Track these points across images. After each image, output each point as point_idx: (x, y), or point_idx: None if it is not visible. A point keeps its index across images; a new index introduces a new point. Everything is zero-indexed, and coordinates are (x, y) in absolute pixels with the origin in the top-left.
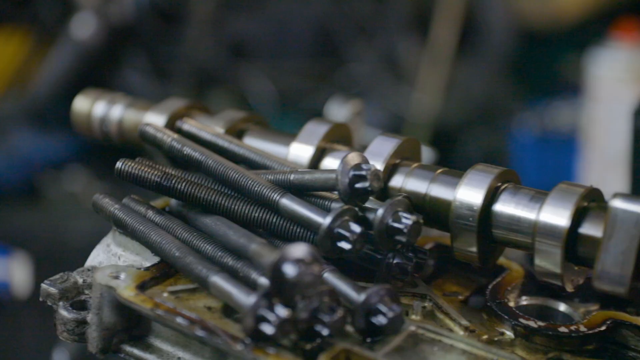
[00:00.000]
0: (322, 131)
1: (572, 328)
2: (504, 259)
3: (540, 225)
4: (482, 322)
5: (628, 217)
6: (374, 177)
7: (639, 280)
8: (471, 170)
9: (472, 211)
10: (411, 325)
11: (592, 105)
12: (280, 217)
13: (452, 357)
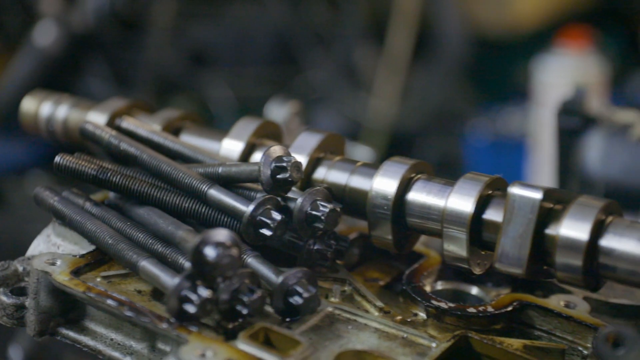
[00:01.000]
0: (252, 128)
1: (480, 309)
2: (423, 247)
3: (447, 212)
4: (398, 304)
5: (525, 203)
6: (295, 168)
7: (536, 261)
8: (387, 162)
9: (387, 200)
10: (328, 306)
11: (539, 110)
12: (209, 207)
13: (364, 335)
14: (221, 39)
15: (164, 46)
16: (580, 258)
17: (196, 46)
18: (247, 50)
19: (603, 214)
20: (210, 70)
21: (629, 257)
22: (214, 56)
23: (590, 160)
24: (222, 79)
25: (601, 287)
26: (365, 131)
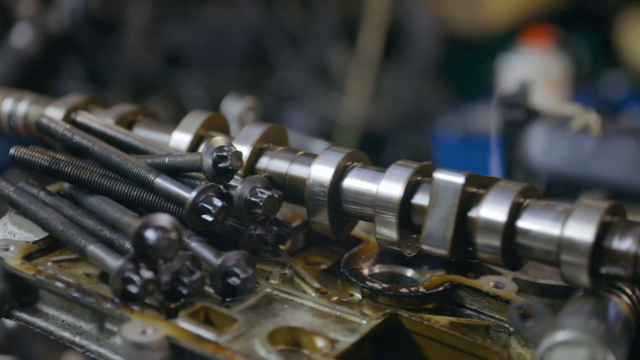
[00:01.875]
0: (200, 120)
1: (412, 289)
2: (364, 233)
3: (379, 197)
4: (336, 286)
5: (448, 187)
6: (235, 157)
7: (461, 243)
8: (325, 152)
9: (323, 187)
10: (267, 287)
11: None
12: (156, 195)
13: (299, 314)
14: (196, 40)
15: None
16: (499, 238)
17: (171, 47)
18: (222, 51)
19: (520, 197)
20: (185, 71)
21: (544, 237)
22: (188, 57)
23: (533, 152)
24: (196, 79)
25: (522, 266)
26: (337, 129)
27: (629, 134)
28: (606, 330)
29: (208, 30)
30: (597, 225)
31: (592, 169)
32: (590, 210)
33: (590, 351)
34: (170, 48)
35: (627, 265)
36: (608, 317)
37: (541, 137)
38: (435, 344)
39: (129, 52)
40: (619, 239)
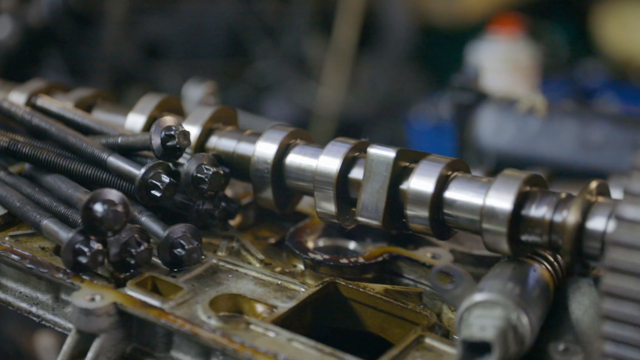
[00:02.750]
0: (154, 103)
1: (352, 260)
2: (310, 208)
3: (317, 172)
4: (281, 258)
5: (381, 162)
6: (182, 136)
7: (393, 214)
8: (269, 130)
9: (267, 164)
10: (213, 259)
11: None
12: (109, 173)
13: (242, 283)
14: (174, 32)
15: (118, 39)
16: (427, 209)
17: (150, 39)
18: (200, 43)
19: (448, 170)
20: (163, 62)
21: (468, 207)
22: (167, 49)
23: (483, 133)
24: (175, 70)
25: (451, 236)
26: (314, 119)
27: (572, 115)
28: (521, 293)
29: (186, 22)
30: (515, 194)
31: (538, 149)
32: (510, 180)
33: (505, 311)
34: (149, 40)
35: (543, 232)
36: (525, 281)
37: (490, 118)
38: (371, 310)
39: (108, 44)
40: (535, 207)
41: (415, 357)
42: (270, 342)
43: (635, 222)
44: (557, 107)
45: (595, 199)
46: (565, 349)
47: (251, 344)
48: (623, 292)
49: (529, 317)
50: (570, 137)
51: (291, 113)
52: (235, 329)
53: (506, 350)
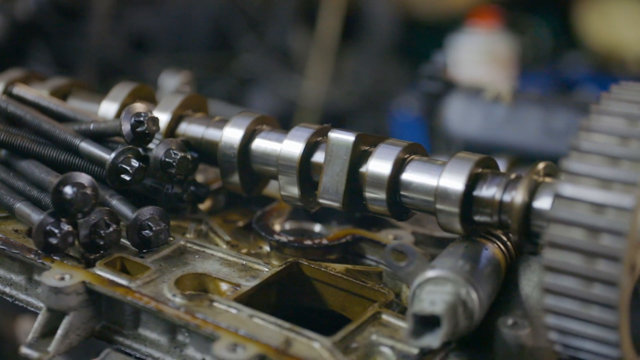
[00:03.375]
0: (127, 90)
1: (315, 241)
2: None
3: (281, 157)
4: (248, 241)
5: (341, 145)
6: (151, 122)
7: (353, 196)
8: (235, 116)
9: (233, 149)
10: (181, 240)
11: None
12: (81, 158)
13: (209, 263)
14: (160, 25)
15: (104, 32)
16: (384, 191)
17: (136, 32)
18: (185, 36)
19: (405, 153)
20: (150, 55)
21: (423, 188)
22: (153, 42)
23: (451, 120)
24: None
25: (409, 217)
26: (298, 110)
27: (537, 102)
28: (471, 270)
29: (172, 15)
30: (466, 176)
31: (504, 135)
32: (462, 163)
33: (454, 287)
34: (135, 33)
35: (493, 211)
36: (477, 259)
37: (458, 107)
38: (332, 289)
39: (94, 37)
40: (486, 187)
41: (371, 332)
42: (232, 318)
43: (572, 199)
44: (522, 96)
45: (542, 180)
46: (514, 323)
47: (213, 320)
48: (562, 266)
49: (478, 293)
50: (534, 124)
51: (275, 105)
52: (199, 306)
53: (455, 324)
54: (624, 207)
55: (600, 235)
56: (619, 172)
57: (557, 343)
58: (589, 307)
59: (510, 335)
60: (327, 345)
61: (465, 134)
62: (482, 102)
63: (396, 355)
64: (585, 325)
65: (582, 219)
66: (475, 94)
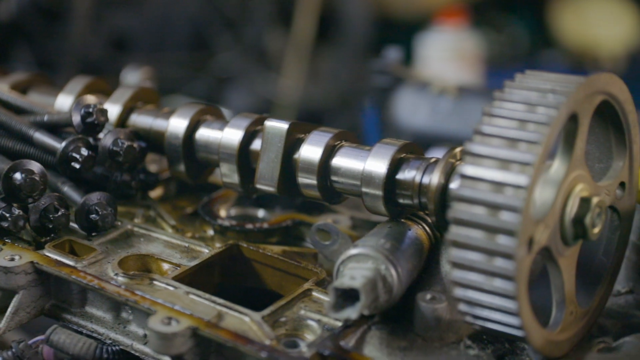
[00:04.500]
0: (82, 84)
1: (257, 225)
2: None
3: (222, 145)
4: (194, 225)
5: (275, 133)
6: (100, 113)
7: (288, 181)
8: (180, 107)
9: (178, 139)
10: (129, 225)
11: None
12: (36, 148)
13: (152, 245)
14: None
15: (85, 33)
16: (315, 176)
17: (116, 33)
18: (165, 36)
19: (335, 140)
20: (130, 55)
21: (350, 172)
22: (133, 42)
23: (400, 113)
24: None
25: (341, 201)
26: (275, 108)
27: (480, 95)
28: (391, 248)
29: (152, 16)
30: (389, 160)
31: (450, 127)
32: (386, 148)
33: (375, 263)
34: (115, 33)
35: (413, 194)
36: (399, 239)
37: (406, 100)
38: (270, 269)
39: (75, 38)
40: (407, 171)
41: (300, 307)
42: (169, 295)
43: (474, 178)
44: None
45: (458, 163)
46: (432, 297)
47: (151, 297)
48: (466, 241)
49: (397, 270)
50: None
51: (253, 103)
52: (139, 284)
53: (375, 297)
54: (520, 185)
55: (499, 211)
56: (516, 154)
57: (467, 314)
58: (491, 279)
59: (428, 309)
60: (257, 319)
61: (413, 126)
62: (429, 95)
63: (321, 328)
64: (488, 296)
65: (483, 197)
66: (423, 88)
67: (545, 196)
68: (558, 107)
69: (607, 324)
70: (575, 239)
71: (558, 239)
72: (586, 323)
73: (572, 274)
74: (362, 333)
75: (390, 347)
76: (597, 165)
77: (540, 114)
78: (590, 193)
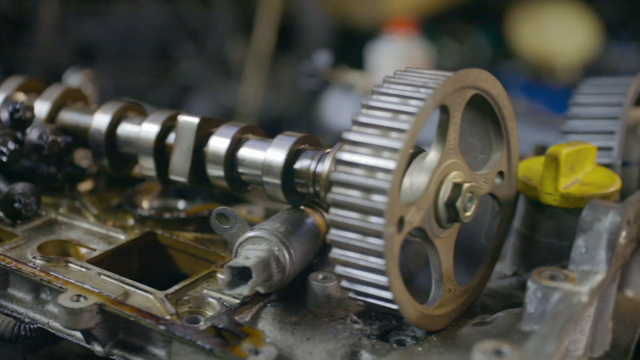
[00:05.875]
0: (15, 83)
1: (174, 215)
2: None
3: (140, 139)
4: (117, 215)
5: (187, 127)
6: (26, 109)
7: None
8: (105, 104)
9: (101, 134)
10: (52, 213)
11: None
12: None
13: (73, 232)
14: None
15: (51, 42)
16: (222, 167)
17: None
18: (130, 46)
19: (241, 133)
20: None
21: (254, 163)
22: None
23: (327, 114)
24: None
25: (249, 191)
26: (236, 116)
27: None
28: (286, 232)
29: (117, 26)
30: (287, 150)
31: None
32: (285, 139)
33: (269, 245)
34: (81, 42)
35: (309, 182)
36: (295, 224)
37: (332, 102)
38: (183, 254)
39: (41, 46)
40: (304, 161)
41: (204, 287)
42: (81, 275)
43: (350, 163)
44: None
45: None
46: (324, 277)
47: (64, 277)
48: (343, 221)
49: (289, 251)
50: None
51: (214, 111)
52: (55, 266)
53: (268, 276)
54: (388, 169)
55: (371, 194)
56: (386, 141)
57: (349, 290)
58: (366, 256)
59: (319, 287)
60: (160, 297)
61: (339, 126)
62: (353, 97)
63: (221, 305)
64: (364, 272)
65: (357, 180)
66: (348, 90)
67: (420, 181)
68: (426, 99)
69: (490, 303)
70: (449, 222)
71: (433, 221)
72: (465, 301)
73: (449, 255)
74: (258, 310)
75: (282, 322)
76: (479, 156)
77: (411, 106)
78: (464, 180)
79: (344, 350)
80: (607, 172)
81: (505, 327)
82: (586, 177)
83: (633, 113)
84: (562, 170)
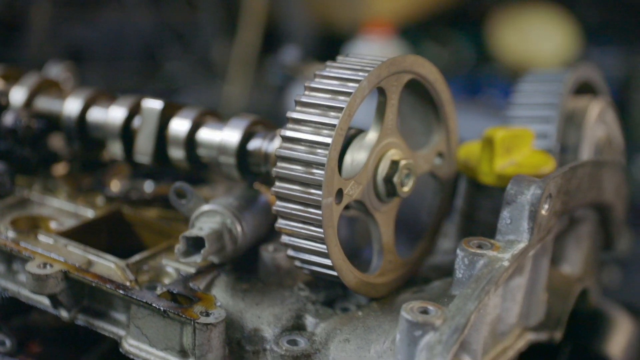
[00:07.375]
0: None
1: (139, 196)
2: None
3: (107, 124)
4: (87, 195)
5: (150, 112)
6: (2, 95)
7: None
8: (76, 90)
9: (72, 120)
10: (26, 192)
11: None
12: None
13: (45, 209)
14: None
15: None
16: (182, 148)
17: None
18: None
19: (201, 116)
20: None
21: (211, 144)
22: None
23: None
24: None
25: (208, 171)
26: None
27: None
28: (239, 207)
29: (106, 29)
30: (242, 131)
31: None
32: (240, 120)
33: (222, 218)
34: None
35: (261, 162)
36: (249, 200)
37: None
38: (147, 231)
39: (33, 49)
40: (257, 141)
41: (162, 257)
42: (49, 246)
43: (292, 139)
44: None
45: None
46: (274, 248)
47: (32, 247)
48: (286, 193)
49: (241, 224)
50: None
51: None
52: (26, 238)
53: (221, 247)
54: (326, 144)
55: (311, 167)
56: (326, 119)
57: (294, 259)
58: (307, 225)
59: (269, 257)
60: (122, 266)
61: None
62: None
63: (178, 274)
64: (306, 241)
65: (298, 155)
66: None
67: (359, 158)
68: (361, 81)
69: (432, 276)
70: (388, 196)
71: (372, 196)
72: (407, 272)
73: (389, 228)
74: (212, 278)
75: (234, 289)
76: (421, 138)
77: (348, 87)
78: (401, 157)
79: (289, 314)
80: (544, 156)
81: (439, 293)
82: (523, 160)
83: (572, 102)
84: (497, 152)
